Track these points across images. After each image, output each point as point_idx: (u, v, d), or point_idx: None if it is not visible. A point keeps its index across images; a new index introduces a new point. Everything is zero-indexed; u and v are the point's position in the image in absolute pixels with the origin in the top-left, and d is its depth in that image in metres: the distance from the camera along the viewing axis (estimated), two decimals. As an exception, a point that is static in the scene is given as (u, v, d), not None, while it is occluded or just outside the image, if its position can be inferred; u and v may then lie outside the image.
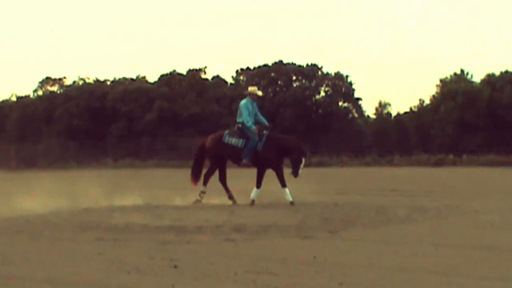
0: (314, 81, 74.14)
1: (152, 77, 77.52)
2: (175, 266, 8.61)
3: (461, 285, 7.31)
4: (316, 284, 7.50)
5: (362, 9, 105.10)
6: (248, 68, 75.28)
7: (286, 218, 13.84)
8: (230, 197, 17.19)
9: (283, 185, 16.96)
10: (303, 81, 74.33)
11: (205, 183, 17.52)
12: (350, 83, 74.20)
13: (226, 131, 17.61)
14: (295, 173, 16.97)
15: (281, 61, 74.76)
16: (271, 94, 73.14)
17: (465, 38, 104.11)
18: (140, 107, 68.67)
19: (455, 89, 68.26)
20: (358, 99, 74.60)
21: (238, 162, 17.35)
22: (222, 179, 17.42)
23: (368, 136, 70.32)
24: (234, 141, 17.15)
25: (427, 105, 73.02)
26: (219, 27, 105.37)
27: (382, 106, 74.52)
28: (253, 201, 16.80)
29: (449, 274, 7.94)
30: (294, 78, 74.48)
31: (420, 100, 74.34)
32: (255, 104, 17.60)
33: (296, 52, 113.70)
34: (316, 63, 74.77)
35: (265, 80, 73.39)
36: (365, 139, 69.57)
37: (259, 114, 17.66)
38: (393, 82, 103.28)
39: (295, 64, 74.66)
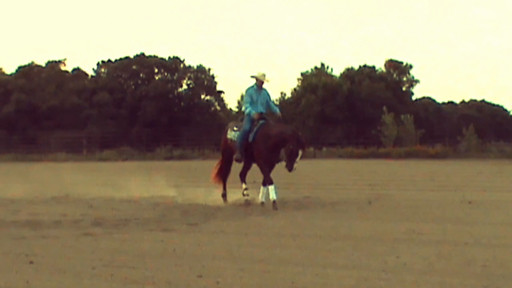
0: (176, 74, 74.01)
1: (9, 69, 75.10)
2: (30, 262, 8.37)
3: (318, 275, 7.44)
4: (175, 277, 7.45)
5: (224, 2, 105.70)
6: (109, 60, 74.23)
7: (146, 212, 13.75)
8: (223, 195, 15.77)
9: (265, 183, 14.93)
10: (165, 74, 74.04)
11: (242, 180, 15.68)
12: (213, 76, 74.51)
13: (230, 124, 16.16)
14: (289, 167, 14.52)
15: (143, 54, 74.18)
16: (133, 87, 72.51)
17: (325, 32, 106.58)
18: (-4, 99, 66.52)
19: (315, 82, 69.76)
20: (221, 92, 75.05)
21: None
22: (225, 176, 16.00)
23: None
24: (232, 134, 15.49)
25: (289, 98, 74.34)
26: (80, 18, 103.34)
27: (244, 99, 75.07)
28: (274, 202, 14.41)
29: (306, 264, 8.08)
30: (156, 70, 74.10)
31: (281, 93, 75.61)
32: (264, 91, 15.52)
33: (158, 44, 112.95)
34: (178, 56, 74.63)
35: (127, 73, 72.66)
36: (227, 132, 69.82)
37: (270, 103, 15.69)
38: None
39: (157, 57, 74.24)
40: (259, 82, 15.29)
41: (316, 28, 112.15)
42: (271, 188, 14.56)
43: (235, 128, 15.48)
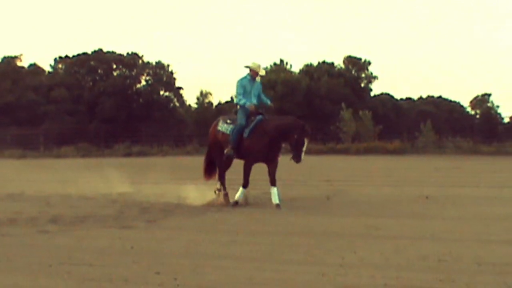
0: (135, 70, 73.55)
1: (-36, 64, 73.93)
2: (-15, 260, 8.27)
3: (275, 271, 7.46)
4: (133, 274, 7.42)
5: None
6: (67, 56, 73.48)
7: (104, 209, 13.65)
8: (225, 195, 14.69)
9: (273, 183, 14.08)
10: (124, 70, 73.55)
11: (219, 178, 14.91)
12: (172, 72, 74.21)
13: (222, 116, 15.27)
14: (297, 158, 13.85)
15: (101, 50, 73.56)
16: (91, 83, 71.92)
17: (284, 28, 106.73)
18: (-50, 95, 65.55)
19: (274, 79, 69.80)
20: (180, 88, 74.76)
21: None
22: (221, 172, 14.98)
23: (190, 125, 70.61)
24: (225, 127, 14.64)
25: (248, 94, 74.13)
26: (36, 12, 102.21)
27: (203, 95, 75.00)
28: (236, 202, 14.14)
29: (264, 260, 8.10)
30: (114, 66, 73.54)
31: (241, 89, 75.39)
32: (257, 83, 14.81)
33: (116, 40, 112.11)
34: (137, 52, 74.15)
35: (85, 69, 72.03)
36: (186, 128, 69.79)
37: (262, 95, 14.93)
38: (214, 71, 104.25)
39: (115, 53, 73.66)
40: (254, 73, 14.65)
41: (275, 25, 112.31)
42: (242, 190, 14.22)
43: (228, 121, 14.70)
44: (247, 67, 14.73)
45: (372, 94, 78.38)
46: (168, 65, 74.34)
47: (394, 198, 15.52)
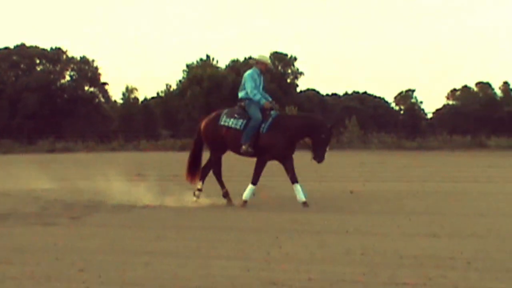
0: (59, 65, 72.45)
1: None
2: None
3: (201, 266, 7.45)
4: (56, 271, 7.31)
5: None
6: (-12, 50, 71.94)
7: (26, 206, 13.41)
8: (225, 194, 13.90)
9: (294, 180, 13.43)
10: (47, 65, 72.39)
11: (202, 177, 14.06)
12: (96, 68, 73.40)
13: (224, 110, 14.04)
14: (320, 158, 13.51)
15: (23, 44, 72.22)
16: (13, 78, 70.54)
17: (211, 24, 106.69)
18: None
19: (200, 74, 69.71)
20: (105, 83, 73.99)
21: (237, 149, 13.66)
22: (217, 170, 14.06)
23: (115, 121, 70.00)
24: (232, 122, 13.56)
25: (174, 90, 74.05)
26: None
27: (129, 91, 74.45)
28: (245, 202, 13.36)
29: (190, 256, 8.08)
30: (37, 61, 72.31)
31: (167, 85, 75.25)
32: (262, 77, 14.05)
33: (40, 35, 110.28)
34: (61, 47, 73.06)
35: (6, 63, 70.59)
36: (111, 124, 69.16)
37: (263, 91, 14.06)
38: (140, 67, 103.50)
39: (38, 47, 72.41)
40: (263, 67, 13.94)
41: (202, 20, 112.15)
42: (251, 187, 13.44)
43: (236, 116, 13.61)
44: (254, 60, 14.15)
45: (298, 89, 79.07)
46: (93, 60, 73.48)
47: (319, 193, 15.64)
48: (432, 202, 13.79)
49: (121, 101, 73.84)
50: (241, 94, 13.77)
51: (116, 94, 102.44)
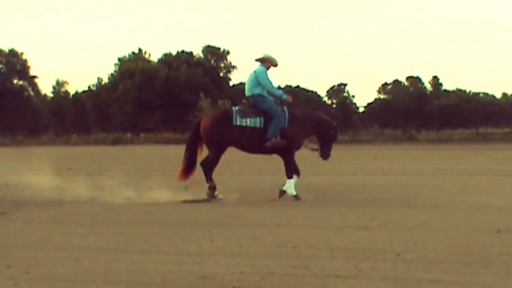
0: (-14, 58, 71.06)
1: None
2: None
3: (133, 261, 7.39)
4: (-18, 269, 7.16)
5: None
6: None
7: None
8: (212, 188, 13.47)
9: (290, 176, 13.47)
10: (-25, 57, 70.93)
11: (209, 177, 13.56)
12: (25, 61, 72.17)
13: (234, 109, 13.67)
14: (326, 155, 13.92)
15: (-51, 36, 70.53)
16: None
17: (143, 17, 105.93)
18: None
19: (132, 68, 69.15)
20: (34, 77, 72.83)
21: (255, 148, 13.55)
22: (213, 168, 13.70)
23: (45, 115, 68.95)
24: (250, 121, 13.29)
25: (106, 83, 73.33)
26: None
27: (60, 84, 73.42)
28: (296, 197, 13.13)
29: (121, 251, 8.01)
30: (-36, 53, 70.78)
31: (98, 78, 74.45)
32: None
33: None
34: (-12, 39, 71.69)
35: None
36: (41, 118, 68.12)
37: None
38: (71, 60, 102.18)
39: (-35, 39, 70.85)
40: (269, 64, 13.86)
41: (133, 13, 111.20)
42: (294, 181, 13.44)
43: (250, 114, 13.37)
44: (260, 59, 13.89)
45: (231, 83, 79.04)
46: (22, 53, 72.21)
47: (253, 186, 15.69)
48: (363, 195, 13.96)
49: (51, 95, 72.82)
50: (257, 91, 13.63)
51: (46, 88, 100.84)
